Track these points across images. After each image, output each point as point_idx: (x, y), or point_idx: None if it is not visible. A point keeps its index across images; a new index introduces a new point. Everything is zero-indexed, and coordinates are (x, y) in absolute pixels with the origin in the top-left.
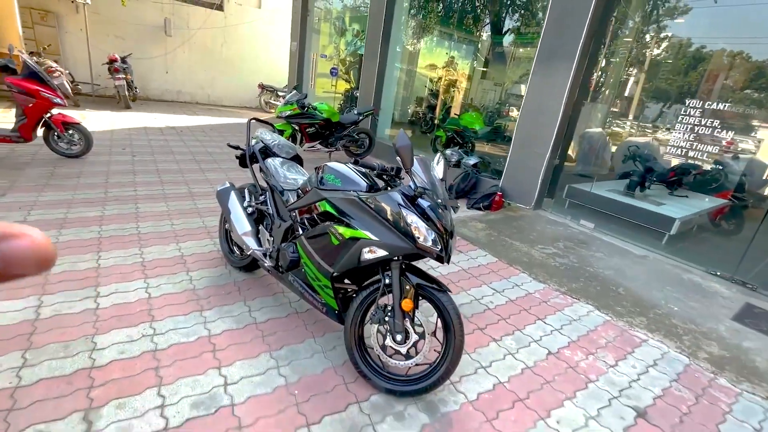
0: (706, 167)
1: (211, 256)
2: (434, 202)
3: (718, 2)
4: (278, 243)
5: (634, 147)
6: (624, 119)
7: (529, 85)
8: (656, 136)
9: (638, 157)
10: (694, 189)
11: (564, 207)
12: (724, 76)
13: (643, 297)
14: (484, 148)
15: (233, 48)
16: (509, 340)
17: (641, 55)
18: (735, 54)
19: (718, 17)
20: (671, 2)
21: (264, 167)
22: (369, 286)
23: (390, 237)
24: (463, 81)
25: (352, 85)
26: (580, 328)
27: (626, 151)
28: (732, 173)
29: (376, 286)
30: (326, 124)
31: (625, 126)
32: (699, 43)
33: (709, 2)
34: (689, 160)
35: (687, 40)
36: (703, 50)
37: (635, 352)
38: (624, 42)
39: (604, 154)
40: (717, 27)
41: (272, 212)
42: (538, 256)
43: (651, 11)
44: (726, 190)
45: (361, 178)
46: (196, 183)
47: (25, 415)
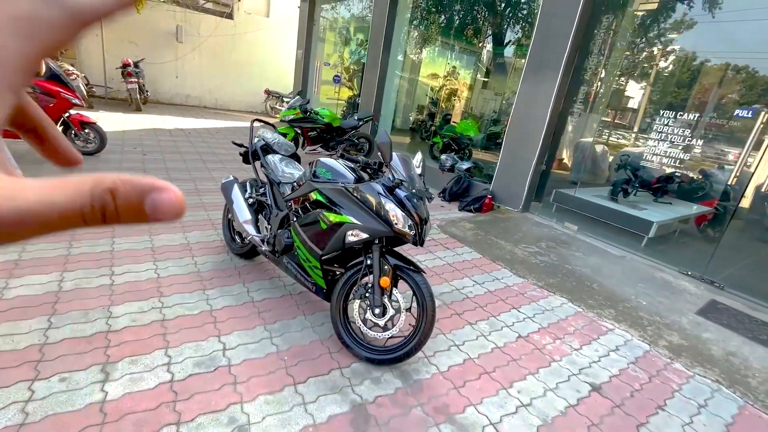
0: (691, 176)
1: (214, 245)
2: (410, 193)
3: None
4: (275, 230)
5: (625, 156)
6: (610, 128)
7: (518, 94)
8: (638, 144)
9: (627, 166)
10: (681, 197)
11: (551, 210)
12: (701, 89)
13: (616, 292)
14: (480, 154)
15: (241, 55)
16: (483, 324)
17: (625, 67)
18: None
19: (691, 33)
20: (649, 20)
21: (264, 163)
22: (353, 267)
23: (370, 222)
24: (463, 90)
25: (354, 92)
26: (551, 317)
27: (619, 160)
28: (717, 182)
29: (359, 267)
30: (327, 129)
31: (612, 135)
32: (684, 55)
33: (685, 18)
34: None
35: (665, 52)
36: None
37: (600, 339)
38: (606, 55)
39: (600, 162)
40: (691, 41)
41: (270, 203)
42: (521, 254)
43: (632, 27)
44: (711, 198)
45: (349, 172)
46: (202, 180)
47: (52, 366)
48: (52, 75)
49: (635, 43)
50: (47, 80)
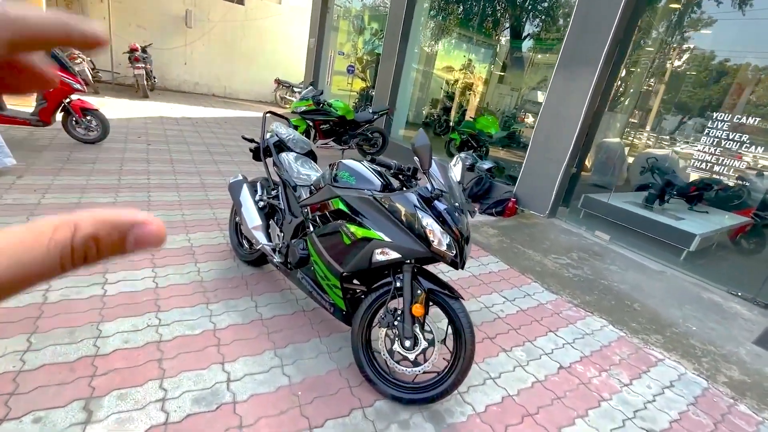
0: (728, 183)
1: (219, 249)
2: (451, 206)
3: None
4: (288, 239)
5: (653, 159)
6: (645, 130)
7: (549, 91)
8: (678, 148)
9: (657, 170)
10: (715, 205)
11: (579, 217)
12: (752, 90)
13: (660, 314)
14: (499, 153)
15: (251, 42)
16: (519, 351)
17: (666, 65)
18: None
19: (748, 28)
20: (699, 12)
21: (277, 161)
22: (379, 288)
23: (403, 239)
24: (479, 84)
25: (367, 83)
26: (593, 343)
27: (644, 163)
28: (755, 190)
29: (386, 288)
30: (340, 122)
31: (646, 137)
32: (727, 55)
33: (738, 14)
34: (714, 175)
35: (714, 51)
36: (730, 63)
37: (650, 372)
38: (649, 50)
39: (620, 164)
40: (747, 39)
41: (284, 207)
42: (551, 266)
43: (678, 20)
44: (748, 207)
45: (376, 177)
46: (209, 174)
47: (26, 401)
48: (52, 57)
49: (682, 36)
50: None
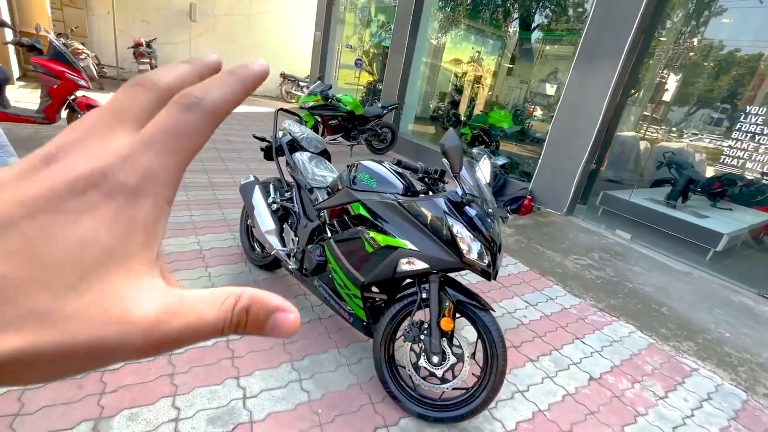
0: (752, 178)
1: (230, 252)
2: (482, 211)
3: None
4: (303, 244)
5: (669, 153)
6: (667, 124)
7: (567, 83)
8: (699, 142)
9: (674, 164)
10: (736, 201)
11: (597, 214)
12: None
13: (690, 319)
14: (513, 148)
15: (256, 36)
16: (547, 361)
17: (693, 56)
18: None
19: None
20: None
21: (291, 161)
22: (402, 299)
23: (432, 248)
24: (488, 77)
25: (375, 77)
26: (622, 351)
27: (662, 158)
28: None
29: (411, 299)
30: (349, 117)
31: (666, 131)
32: (761, 44)
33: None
34: (737, 170)
35: (746, 40)
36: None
37: (686, 383)
38: (675, 40)
39: (638, 159)
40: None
41: (298, 210)
42: (573, 267)
43: (707, 6)
44: None
45: (399, 180)
46: (217, 172)
47: (32, 422)
48: (56, 53)
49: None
50: (51, 59)
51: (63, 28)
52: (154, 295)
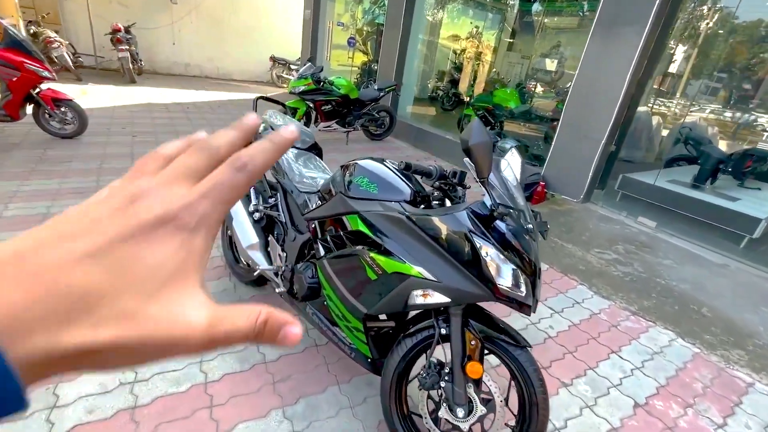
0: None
1: (213, 264)
2: (518, 225)
3: None
4: (293, 261)
5: (686, 129)
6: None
7: (583, 58)
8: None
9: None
10: (761, 179)
11: (616, 200)
12: None
13: (735, 321)
14: (520, 128)
15: (243, 17)
16: (582, 384)
17: (723, 23)
18: None
19: None
20: None
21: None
22: (416, 333)
23: (454, 277)
24: (488, 53)
25: (369, 57)
26: (666, 366)
27: (678, 134)
28: None
29: (426, 332)
30: (344, 101)
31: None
32: None
33: None
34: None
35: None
36: None
37: (744, 403)
38: (707, 5)
39: (657, 138)
40: None
41: (285, 220)
42: (596, 263)
43: None
44: None
45: (405, 183)
46: None
47: None
48: (13, 42)
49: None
50: (6, 48)
51: (33, 15)
52: (205, 306)
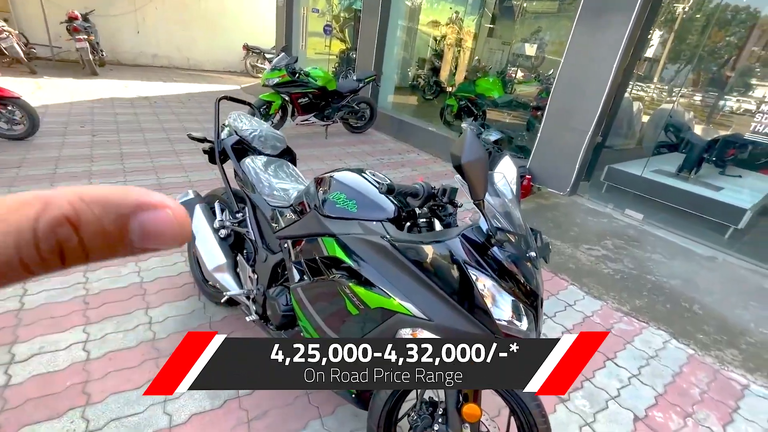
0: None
1: (180, 281)
2: (518, 251)
3: None
4: (265, 284)
5: (669, 117)
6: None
7: (569, 46)
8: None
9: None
10: (742, 166)
11: (601, 191)
12: None
13: (726, 318)
14: (504, 118)
15: (212, 2)
16: (580, 398)
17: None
18: None
19: None
20: None
21: (239, 170)
22: None
23: (447, 314)
24: (468, 40)
25: (347, 45)
26: (662, 372)
27: (661, 122)
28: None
29: None
30: (321, 94)
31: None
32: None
33: None
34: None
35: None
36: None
37: (741, 408)
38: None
39: (634, 123)
40: None
41: (255, 237)
42: (586, 260)
43: None
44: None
45: (388, 199)
46: (168, 171)
47: None
48: None
49: None
50: None
51: None
52: None
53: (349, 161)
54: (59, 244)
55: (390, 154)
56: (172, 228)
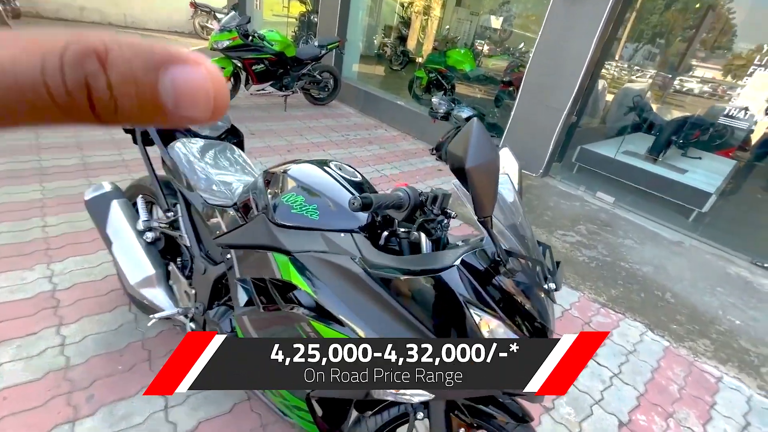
0: (715, 121)
1: (104, 287)
2: (529, 278)
3: None
4: (205, 301)
5: (637, 96)
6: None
7: (546, 20)
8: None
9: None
10: (701, 147)
11: (572, 172)
12: None
13: (696, 306)
14: (475, 92)
15: None
16: (564, 406)
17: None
18: None
19: None
20: None
21: (167, 158)
22: (382, 410)
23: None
24: (436, 8)
25: (308, 7)
26: (641, 368)
27: (632, 102)
28: (739, 127)
29: (397, 411)
30: (278, 60)
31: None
32: None
33: None
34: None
35: None
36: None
37: (718, 404)
38: None
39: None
40: None
41: (190, 243)
42: (561, 248)
43: None
44: (729, 147)
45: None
46: (96, 147)
47: None
48: None
49: None
50: None
51: None
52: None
53: (311, 137)
54: (86, 80)
55: (356, 130)
56: (206, 93)
